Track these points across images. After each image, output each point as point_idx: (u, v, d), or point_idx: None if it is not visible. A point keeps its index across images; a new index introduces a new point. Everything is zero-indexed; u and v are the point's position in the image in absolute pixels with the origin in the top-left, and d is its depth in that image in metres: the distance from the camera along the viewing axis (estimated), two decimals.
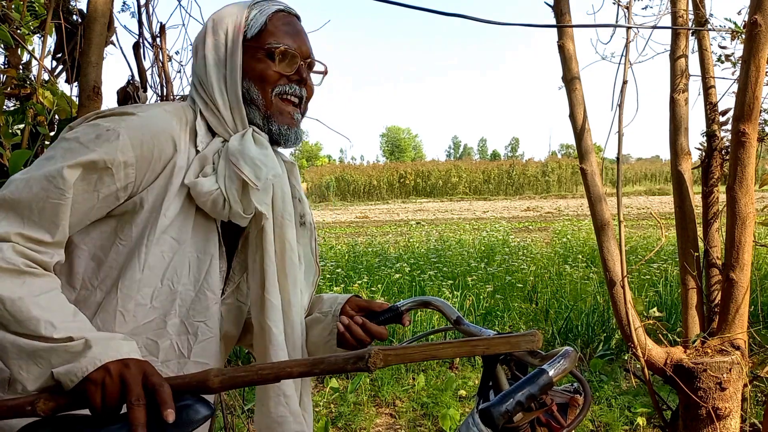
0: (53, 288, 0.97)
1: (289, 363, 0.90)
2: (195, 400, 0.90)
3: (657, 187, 30.18)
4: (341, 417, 3.35)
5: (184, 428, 0.87)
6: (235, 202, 1.11)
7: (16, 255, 0.94)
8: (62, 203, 0.98)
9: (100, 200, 1.03)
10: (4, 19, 1.89)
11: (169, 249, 1.09)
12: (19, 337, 0.89)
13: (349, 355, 0.88)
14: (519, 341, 0.88)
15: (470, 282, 5.66)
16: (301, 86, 1.19)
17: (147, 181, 1.06)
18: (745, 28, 2.01)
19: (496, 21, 1.99)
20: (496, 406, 0.80)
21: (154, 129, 1.06)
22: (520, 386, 0.83)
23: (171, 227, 1.08)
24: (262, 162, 1.12)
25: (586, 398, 0.91)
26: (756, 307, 3.89)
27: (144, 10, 2.06)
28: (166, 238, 1.08)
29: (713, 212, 2.45)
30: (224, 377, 0.88)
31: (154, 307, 1.08)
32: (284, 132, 1.18)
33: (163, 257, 1.08)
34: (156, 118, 1.09)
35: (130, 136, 1.02)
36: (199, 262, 1.12)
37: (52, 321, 0.90)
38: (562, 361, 0.87)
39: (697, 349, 2.22)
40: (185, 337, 1.13)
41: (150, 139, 1.05)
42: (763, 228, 6.50)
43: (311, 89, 1.24)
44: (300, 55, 1.18)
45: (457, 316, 1.24)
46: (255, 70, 1.15)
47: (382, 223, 15.95)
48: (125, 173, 1.03)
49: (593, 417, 3.29)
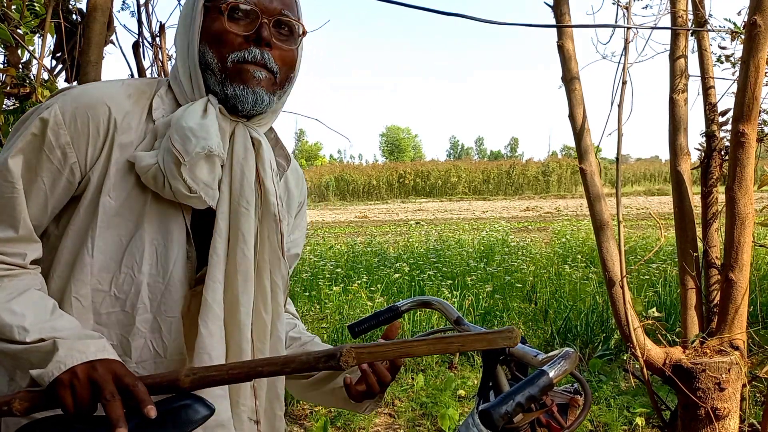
0: (29, 287, 0.95)
1: (260, 362, 0.89)
2: (194, 400, 0.90)
3: (656, 187, 30.19)
4: (340, 417, 3.35)
5: (183, 428, 0.87)
6: (174, 179, 0.96)
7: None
8: (15, 196, 0.95)
9: (49, 185, 0.98)
10: (4, 19, 1.89)
11: (126, 233, 1.00)
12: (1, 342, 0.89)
13: (321, 354, 0.86)
14: (496, 338, 0.82)
15: (469, 282, 5.66)
16: (262, 48, 1.01)
17: (91, 159, 0.99)
18: (745, 28, 2.01)
19: (496, 21, 1.99)
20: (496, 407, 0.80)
21: (89, 102, 0.99)
22: (520, 387, 0.83)
23: (123, 209, 0.99)
24: (194, 132, 0.97)
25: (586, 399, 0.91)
26: (755, 308, 3.90)
27: (144, 9, 2.06)
28: (118, 221, 0.99)
29: (712, 212, 2.46)
30: (195, 377, 0.87)
31: (116, 297, 1.00)
32: (239, 93, 1.01)
33: (120, 241, 0.99)
34: (93, 91, 1.02)
35: (62, 112, 0.97)
36: (166, 250, 1.01)
37: (23, 325, 0.88)
38: (563, 363, 0.87)
39: (696, 350, 2.22)
40: (158, 335, 1.02)
41: (84, 113, 0.98)
42: (762, 228, 6.51)
43: (286, 54, 1.05)
44: (261, 10, 1.01)
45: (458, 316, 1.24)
46: (210, 32, 1.02)
47: (381, 222, 15.95)
48: (62, 152, 0.97)
49: (592, 417, 3.29)
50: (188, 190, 0.98)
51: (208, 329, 1.00)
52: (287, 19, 1.04)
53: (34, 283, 0.96)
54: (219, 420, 0.98)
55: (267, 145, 1.09)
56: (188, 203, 1.01)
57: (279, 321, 1.11)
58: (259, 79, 1.02)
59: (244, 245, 1.03)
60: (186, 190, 0.98)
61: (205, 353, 0.99)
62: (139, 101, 1.03)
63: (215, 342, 1.01)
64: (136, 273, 1.00)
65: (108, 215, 0.99)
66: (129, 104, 1.02)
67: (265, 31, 1.01)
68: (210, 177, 1.00)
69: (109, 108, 0.99)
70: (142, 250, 1.00)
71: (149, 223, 1.00)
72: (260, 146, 1.07)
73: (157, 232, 1.01)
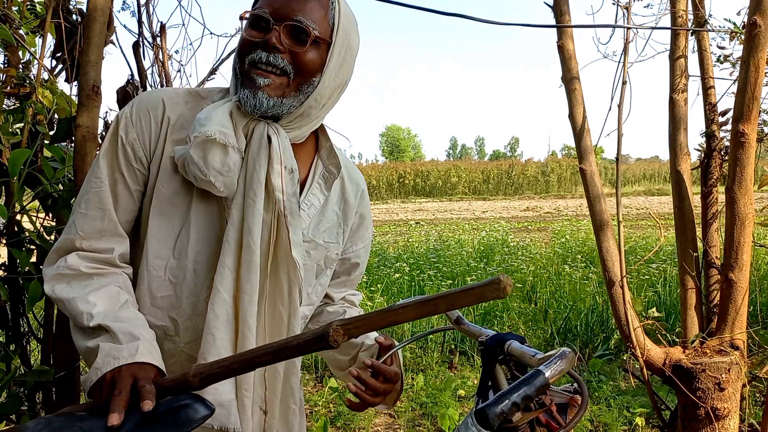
0: (110, 283, 1.06)
1: (258, 351, 0.91)
2: (194, 400, 0.90)
3: (656, 187, 30.19)
4: (340, 416, 3.35)
5: (183, 428, 0.88)
6: (192, 163, 1.05)
7: (79, 260, 1.06)
8: (102, 189, 1.08)
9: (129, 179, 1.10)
10: (4, 19, 1.89)
11: (178, 222, 1.10)
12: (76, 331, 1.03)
13: (310, 336, 0.86)
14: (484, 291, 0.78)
15: (469, 282, 5.66)
16: (270, 52, 1.06)
17: (151, 151, 1.10)
18: (745, 28, 2.01)
19: (496, 21, 2.00)
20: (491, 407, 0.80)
21: (150, 101, 1.12)
22: (516, 387, 0.83)
23: (174, 198, 1.10)
24: (200, 121, 1.05)
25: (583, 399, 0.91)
26: (755, 308, 3.90)
27: (144, 9, 2.06)
28: (171, 210, 1.10)
29: (712, 212, 2.46)
30: (203, 375, 0.91)
31: (170, 281, 1.11)
32: (243, 98, 1.07)
33: (172, 229, 1.10)
34: (156, 93, 1.14)
35: (131, 113, 1.11)
36: (210, 239, 1.11)
37: (92, 312, 1.00)
38: (559, 362, 0.87)
39: (696, 350, 2.22)
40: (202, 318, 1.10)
41: (146, 111, 1.11)
42: (762, 228, 6.51)
43: (299, 56, 1.07)
44: (274, 17, 1.06)
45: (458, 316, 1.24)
46: (240, 40, 1.11)
47: (381, 222, 15.95)
48: (131, 147, 1.09)
49: (592, 417, 3.30)
50: (201, 173, 1.05)
51: (214, 312, 1.07)
52: (298, 25, 1.07)
53: (116, 280, 1.08)
54: (219, 400, 1.04)
55: (280, 142, 1.12)
56: (206, 188, 1.08)
57: (295, 318, 1.15)
58: (260, 85, 1.07)
59: (249, 236, 1.08)
60: (199, 173, 1.05)
61: (210, 334, 1.07)
62: (195, 105, 1.13)
63: (220, 324, 1.08)
64: (184, 259, 1.10)
65: (161, 204, 1.10)
66: (185, 107, 1.13)
67: (273, 35, 1.06)
68: (221, 165, 1.07)
69: (165, 107, 1.11)
70: (189, 238, 1.10)
71: (196, 213, 1.10)
72: (272, 147, 1.11)
73: (202, 222, 1.11)
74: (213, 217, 1.11)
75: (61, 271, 1.06)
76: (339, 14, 1.11)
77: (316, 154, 1.25)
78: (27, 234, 1.89)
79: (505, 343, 1.03)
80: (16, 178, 1.73)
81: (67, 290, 1.04)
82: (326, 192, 1.23)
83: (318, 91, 1.12)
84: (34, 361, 2.18)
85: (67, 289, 1.05)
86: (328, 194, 1.23)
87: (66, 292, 1.04)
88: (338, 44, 1.11)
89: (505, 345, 1.03)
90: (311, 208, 1.21)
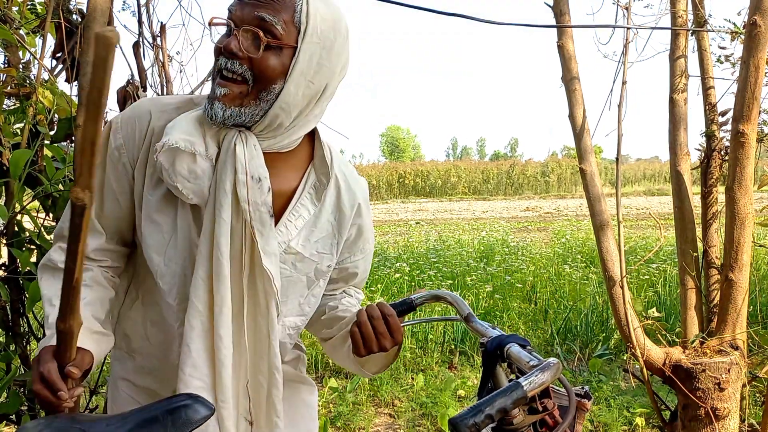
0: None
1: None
2: (194, 400, 0.90)
3: (656, 187, 30.18)
4: (340, 417, 3.35)
5: (183, 428, 0.88)
6: (164, 171, 1.05)
7: (59, 254, 1.09)
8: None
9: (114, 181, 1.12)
10: (4, 20, 1.89)
11: (168, 229, 1.11)
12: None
13: None
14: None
15: (469, 282, 5.66)
16: (228, 58, 1.02)
17: (134, 159, 1.11)
18: (745, 28, 2.01)
19: (496, 21, 1.99)
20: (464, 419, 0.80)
21: (138, 110, 1.12)
22: (492, 399, 0.82)
23: (161, 205, 1.10)
24: (167, 130, 1.05)
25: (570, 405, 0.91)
26: (755, 308, 3.90)
27: (144, 9, 2.06)
28: (159, 218, 1.11)
29: (712, 213, 2.46)
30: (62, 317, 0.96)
31: (160, 288, 1.12)
32: (207, 110, 1.05)
33: (162, 237, 1.11)
34: (145, 102, 1.14)
35: (120, 119, 1.12)
36: (192, 247, 1.11)
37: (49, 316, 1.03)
38: (540, 375, 0.86)
39: (696, 350, 2.22)
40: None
41: (133, 119, 1.11)
42: (762, 228, 6.51)
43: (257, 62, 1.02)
44: (235, 22, 1.02)
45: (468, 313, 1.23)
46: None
47: (381, 222, 15.95)
48: (118, 152, 1.11)
49: (592, 417, 3.30)
50: (170, 180, 1.06)
51: (189, 323, 1.08)
52: (252, 29, 1.01)
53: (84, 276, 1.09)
54: None
55: (246, 151, 1.08)
56: (177, 195, 1.08)
57: (273, 330, 1.13)
58: (218, 95, 1.04)
59: (217, 247, 1.07)
60: (168, 179, 1.06)
61: (186, 345, 1.08)
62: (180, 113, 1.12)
63: (195, 336, 1.08)
64: (174, 266, 1.11)
65: (150, 211, 1.10)
66: (176, 113, 1.10)
67: (233, 41, 1.01)
68: (188, 172, 1.06)
69: (151, 116, 1.10)
70: (177, 245, 1.11)
71: (181, 221, 1.11)
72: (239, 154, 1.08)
73: (186, 230, 1.11)
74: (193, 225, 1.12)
75: (45, 262, 1.11)
76: (308, 16, 1.03)
77: (311, 163, 1.20)
78: (27, 234, 1.89)
79: (505, 346, 1.03)
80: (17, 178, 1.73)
81: (45, 284, 1.10)
82: (317, 202, 1.19)
83: (283, 99, 1.05)
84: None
85: (47, 283, 1.10)
86: (321, 204, 1.19)
87: (45, 286, 1.09)
88: (307, 48, 1.04)
89: (505, 348, 1.02)
90: (299, 219, 1.17)
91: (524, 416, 0.91)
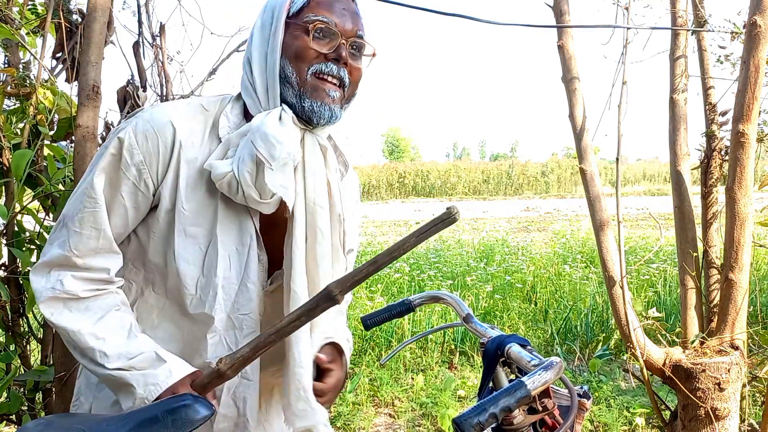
0: (109, 308, 1.08)
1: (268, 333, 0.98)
2: (195, 400, 0.90)
3: (656, 187, 30.16)
4: (340, 417, 3.35)
5: (183, 428, 0.88)
6: (248, 186, 1.06)
7: (75, 283, 1.06)
8: (97, 210, 1.07)
9: (128, 199, 1.09)
10: (5, 20, 1.89)
11: (204, 241, 1.10)
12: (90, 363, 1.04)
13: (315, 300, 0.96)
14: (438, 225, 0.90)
15: (469, 282, 5.66)
16: (339, 65, 1.10)
17: (161, 174, 1.09)
18: (745, 28, 2.01)
19: (496, 21, 1.99)
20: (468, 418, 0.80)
21: (158, 123, 1.09)
22: (496, 398, 0.82)
23: (197, 218, 1.10)
24: (277, 139, 1.05)
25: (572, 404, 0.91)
26: (755, 308, 3.90)
27: (144, 9, 2.06)
28: (195, 231, 1.10)
29: (712, 213, 2.46)
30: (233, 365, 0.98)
31: (200, 299, 1.11)
32: (316, 108, 1.09)
33: (199, 248, 1.10)
34: (161, 112, 1.11)
35: (135, 133, 1.08)
36: (238, 254, 1.11)
37: (104, 350, 1.02)
38: (542, 373, 0.86)
39: (696, 350, 2.22)
40: (232, 332, 1.13)
41: (154, 133, 1.08)
42: (762, 228, 6.51)
43: (356, 71, 1.14)
44: (341, 32, 1.10)
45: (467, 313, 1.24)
46: (292, 48, 1.10)
47: (381, 222, 15.94)
48: (137, 169, 1.08)
49: (592, 417, 3.30)
50: (259, 196, 1.07)
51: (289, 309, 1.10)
52: (361, 42, 1.14)
53: (114, 302, 1.09)
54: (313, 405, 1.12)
55: (332, 151, 1.19)
56: (258, 208, 1.10)
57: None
58: (333, 97, 1.11)
59: (323, 240, 1.13)
60: (257, 196, 1.07)
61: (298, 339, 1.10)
62: (203, 119, 1.13)
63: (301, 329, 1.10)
64: (213, 276, 1.10)
65: (184, 225, 1.09)
66: (194, 123, 1.12)
67: (344, 50, 1.10)
68: (285, 180, 1.09)
69: (175, 128, 1.09)
70: (216, 255, 1.10)
71: (221, 230, 1.11)
72: (327, 152, 1.18)
73: (228, 238, 1.11)
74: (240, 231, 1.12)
75: (57, 294, 1.05)
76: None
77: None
78: (27, 234, 1.89)
79: (505, 346, 1.03)
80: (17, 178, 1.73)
81: (69, 318, 1.05)
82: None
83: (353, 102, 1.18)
84: (34, 361, 2.19)
85: (69, 316, 1.05)
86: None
87: (68, 320, 1.05)
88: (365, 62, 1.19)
89: (506, 348, 1.02)
90: None
91: (524, 416, 0.91)
